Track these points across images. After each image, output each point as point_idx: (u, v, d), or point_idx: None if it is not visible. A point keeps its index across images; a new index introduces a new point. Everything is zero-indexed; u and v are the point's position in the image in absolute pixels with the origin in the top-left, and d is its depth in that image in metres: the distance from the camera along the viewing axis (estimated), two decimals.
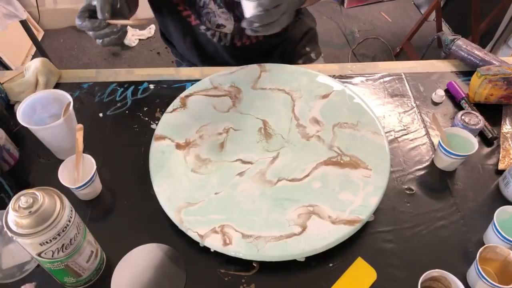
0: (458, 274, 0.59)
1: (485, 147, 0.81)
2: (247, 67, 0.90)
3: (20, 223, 0.49)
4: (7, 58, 1.95)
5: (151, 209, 0.70)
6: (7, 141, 0.76)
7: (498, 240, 0.63)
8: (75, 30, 2.47)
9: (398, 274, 0.64)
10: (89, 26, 0.75)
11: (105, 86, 0.91)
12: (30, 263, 0.64)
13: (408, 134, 0.83)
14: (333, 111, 0.81)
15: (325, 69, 0.95)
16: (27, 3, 2.29)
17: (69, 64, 2.26)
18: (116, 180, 0.75)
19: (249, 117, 0.81)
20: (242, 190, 0.70)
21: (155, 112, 0.86)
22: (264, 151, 0.76)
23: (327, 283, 0.63)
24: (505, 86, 0.82)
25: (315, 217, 0.66)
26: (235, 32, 0.97)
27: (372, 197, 0.68)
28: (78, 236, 0.56)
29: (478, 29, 1.91)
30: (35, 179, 0.76)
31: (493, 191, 0.74)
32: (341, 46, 2.36)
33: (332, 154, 0.75)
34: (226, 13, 0.93)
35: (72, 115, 0.74)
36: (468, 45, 0.94)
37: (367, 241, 0.68)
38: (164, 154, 0.75)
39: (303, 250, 0.63)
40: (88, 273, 0.61)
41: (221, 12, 0.93)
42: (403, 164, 0.78)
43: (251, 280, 0.63)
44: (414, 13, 2.60)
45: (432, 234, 0.69)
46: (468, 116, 0.79)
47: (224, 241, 0.63)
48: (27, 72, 0.88)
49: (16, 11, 1.73)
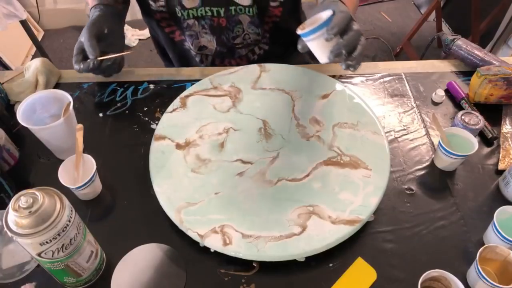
0: (458, 274, 0.59)
1: (485, 147, 0.81)
2: (247, 67, 0.90)
3: (20, 223, 0.49)
4: (7, 58, 1.95)
5: (151, 209, 0.70)
6: (7, 141, 0.76)
7: (498, 240, 0.63)
8: (75, 30, 2.47)
9: (398, 274, 0.64)
10: (86, 68, 0.79)
11: (105, 86, 0.91)
12: (30, 263, 0.64)
13: (408, 134, 0.83)
14: (333, 111, 0.81)
15: (325, 69, 0.94)
16: (27, 3, 2.29)
17: (69, 64, 2.24)
18: (116, 180, 0.75)
19: (249, 117, 0.81)
20: (242, 190, 0.70)
21: (155, 112, 0.86)
22: (264, 151, 0.76)
23: (327, 283, 0.63)
24: (505, 86, 0.82)
25: (315, 217, 0.66)
26: (215, 56, 0.99)
27: (372, 197, 0.68)
28: (78, 236, 0.56)
29: (478, 29, 1.91)
30: (35, 179, 0.77)
31: (493, 191, 0.74)
32: None
33: (332, 154, 0.75)
34: (210, 34, 0.95)
35: (72, 115, 0.74)
36: (468, 45, 0.94)
37: (367, 241, 0.68)
38: (164, 154, 0.75)
39: (303, 250, 0.63)
40: (88, 273, 0.61)
41: (204, 33, 0.95)
42: (403, 164, 0.78)
43: (251, 280, 0.63)
44: (414, 13, 2.60)
45: (432, 234, 0.69)
46: (468, 116, 0.79)
47: (224, 241, 0.63)
48: (27, 72, 0.88)
49: (16, 11, 1.73)
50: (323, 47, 0.65)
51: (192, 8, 0.89)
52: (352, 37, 0.64)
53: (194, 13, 0.91)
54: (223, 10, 0.90)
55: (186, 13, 0.91)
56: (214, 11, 0.90)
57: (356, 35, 0.65)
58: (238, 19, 0.92)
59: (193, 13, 0.91)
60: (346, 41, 0.64)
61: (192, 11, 0.90)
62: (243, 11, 0.90)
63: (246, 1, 0.88)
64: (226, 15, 0.91)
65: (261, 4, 0.90)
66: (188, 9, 0.90)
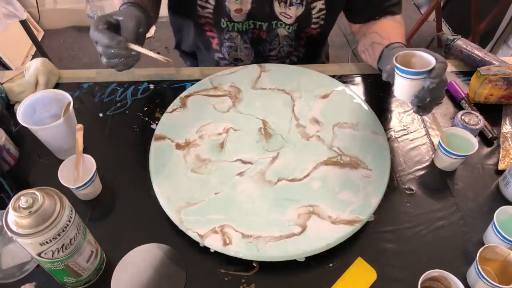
0: (458, 274, 0.59)
1: (485, 147, 0.81)
2: (247, 67, 0.90)
3: (20, 223, 0.49)
4: (7, 58, 1.95)
5: (151, 209, 0.70)
6: (7, 141, 0.76)
7: (498, 240, 0.63)
8: (75, 30, 2.47)
9: (398, 274, 0.64)
10: (106, 40, 0.65)
11: (105, 86, 0.91)
12: (30, 263, 0.64)
13: (408, 134, 0.83)
14: (333, 111, 0.81)
15: (325, 69, 0.94)
16: (27, 3, 2.29)
17: (69, 64, 2.26)
18: (116, 180, 0.75)
19: (249, 117, 0.81)
20: (242, 190, 0.70)
21: (155, 112, 0.86)
22: (264, 151, 0.75)
23: (327, 283, 0.63)
24: (505, 86, 0.82)
25: (315, 217, 0.66)
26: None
27: (372, 197, 0.68)
28: (78, 236, 0.56)
29: (478, 29, 1.91)
30: (35, 179, 0.76)
31: (493, 191, 0.74)
32: (341, 46, 2.36)
33: (332, 154, 0.75)
34: (249, 48, 0.96)
35: (72, 115, 0.74)
36: (468, 45, 0.94)
37: (367, 241, 0.68)
38: (164, 154, 0.75)
39: (303, 250, 0.63)
40: (88, 273, 0.61)
41: (244, 47, 0.96)
42: (403, 164, 0.78)
43: (251, 280, 0.63)
44: (414, 13, 2.60)
45: (432, 234, 0.69)
46: (468, 116, 0.79)
47: (224, 241, 0.63)
48: (27, 72, 0.88)
49: (16, 11, 1.73)
50: (411, 87, 0.65)
51: (238, 21, 0.91)
52: (440, 86, 0.63)
53: (239, 27, 0.93)
54: (266, 24, 0.92)
55: (231, 25, 0.93)
56: (257, 24, 0.92)
57: (443, 85, 0.64)
58: (276, 33, 0.95)
59: (238, 26, 0.93)
60: (435, 89, 0.63)
61: (237, 24, 0.92)
62: (283, 26, 0.93)
63: (289, 20, 0.90)
64: (267, 29, 0.94)
65: (302, 25, 0.92)
66: (234, 22, 0.92)
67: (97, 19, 0.67)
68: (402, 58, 0.66)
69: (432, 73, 0.62)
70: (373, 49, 0.84)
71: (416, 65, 0.66)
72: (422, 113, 0.67)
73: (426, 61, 0.65)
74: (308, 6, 0.88)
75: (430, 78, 0.62)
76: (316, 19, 0.91)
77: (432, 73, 0.62)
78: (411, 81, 0.64)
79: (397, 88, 0.67)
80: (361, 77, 0.94)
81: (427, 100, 0.64)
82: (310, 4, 0.88)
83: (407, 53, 0.66)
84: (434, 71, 0.62)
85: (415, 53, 0.66)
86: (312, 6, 0.88)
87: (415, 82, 0.64)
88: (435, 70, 0.62)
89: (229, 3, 0.87)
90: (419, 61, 0.66)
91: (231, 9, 0.88)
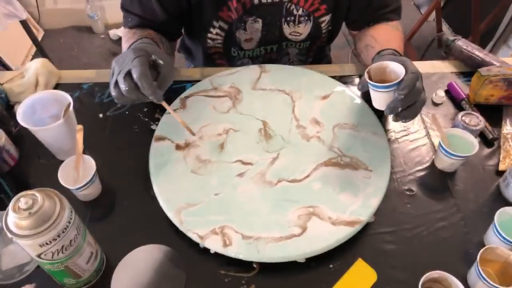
0: (458, 276, 0.59)
1: (486, 148, 0.81)
2: (247, 68, 0.90)
3: (20, 224, 0.49)
4: (7, 58, 1.95)
5: (151, 210, 0.70)
6: (7, 142, 0.76)
7: (498, 241, 0.63)
8: (75, 30, 2.47)
9: (399, 276, 0.64)
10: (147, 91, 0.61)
11: (105, 87, 0.91)
12: (30, 264, 0.64)
13: (409, 135, 0.83)
14: (333, 112, 0.81)
15: (325, 69, 0.94)
16: (27, 3, 2.29)
17: (69, 64, 2.26)
18: (116, 180, 0.75)
19: (249, 118, 0.81)
20: (242, 191, 0.70)
21: (155, 112, 0.86)
22: (264, 152, 0.75)
23: (327, 284, 0.63)
24: (506, 87, 0.82)
25: (315, 218, 0.66)
26: None
27: (372, 198, 0.68)
28: (78, 237, 0.56)
29: (478, 29, 1.91)
30: (35, 180, 0.76)
31: (493, 192, 0.74)
32: (341, 46, 2.35)
33: (332, 155, 0.74)
34: None
35: (72, 115, 0.74)
36: (469, 45, 0.94)
37: (367, 242, 0.68)
38: (164, 155, 0.74)
39: (303, 251, 0.63)
40: (88, 274, 0.61)
41: None
42: (404, 165, 0.78)
43: (251, 281, 0.63)
44: (414, 13, 2.60)
45: (433, 235, 0.69)
46: (469, 117, 0.79)
47: (224, 242, 0.63)
48: (27, 72, 0.88)
49: (16, 11, 1.73)
50: (383, 98, 0.67)
51: (249, 49, 0.93)
52: (411, 95, 0.64)
53: (250, 54, 0.94)
54: (276, 46, 0.94)
55: (242, 54, 0.94)
56: (268, 48, 0.94)
57: (416, 93, 0.65)
58: (287, 51, 0.97)
59: (249, 54, 0.94)
60: (405, 99, 0.64)
61: (248, 52, 0.93)
62: (294, 45, 0.95)
63: (300, 37, 0.93)
64: (277, 50, 0.95)
65: (314, 39, 0.94)
66: (245, 50, 0.93)
67: (141, 53, 0.62)
68: (376, 70, 0.69)
69: (400, 85, 0.64)
70: (368, 52, 0.86)
71: (391, 74, 0.68)
72: (404, 121, 0.68)
73: (397, 72, 0.67)
74: (315, 20, 0.89)
75: (398, 90, 0.64)
76: (326, 28, 0.93)
77: (400, 85, 0.64)
78: (382, 93, 0.66)
79: (373, 100, 0.69)
80: (361, 78, 0.94)
81: (399, 109, 0.65)
82: (318, 19, 0.89)
83: (381, 63, 0.69)
84: (403, 83, 0.64)
85: (388, 63, 0.68)
86: (320, 20, 0.90)
87: (387, 94, 0.66)
88: (404, 82, 0.64)
89: (239, 34, 0.89)
90: (394, 71, 0.68)
91: (241, 39, 0.90)
